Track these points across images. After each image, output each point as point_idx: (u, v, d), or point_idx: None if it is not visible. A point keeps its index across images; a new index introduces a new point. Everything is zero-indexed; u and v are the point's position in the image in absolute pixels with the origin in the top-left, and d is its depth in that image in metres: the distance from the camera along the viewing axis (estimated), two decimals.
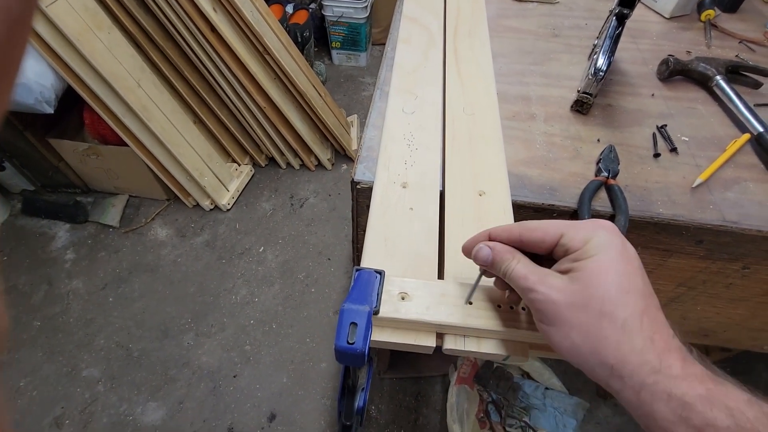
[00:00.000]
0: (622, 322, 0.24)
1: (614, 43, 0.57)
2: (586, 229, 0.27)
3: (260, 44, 1.41)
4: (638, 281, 0.25)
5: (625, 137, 0.56)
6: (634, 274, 0.25)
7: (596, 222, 0.28)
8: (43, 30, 1.12)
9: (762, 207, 0.49)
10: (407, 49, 0.63)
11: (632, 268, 0.25)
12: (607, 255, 0.25)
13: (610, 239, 0.26)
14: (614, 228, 0.27)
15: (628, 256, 0.26)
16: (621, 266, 0.25)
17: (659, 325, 0.24)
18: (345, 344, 0.26)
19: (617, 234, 0.27)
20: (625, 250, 0.26)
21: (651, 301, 0.25)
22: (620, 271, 0.25)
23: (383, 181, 0.45)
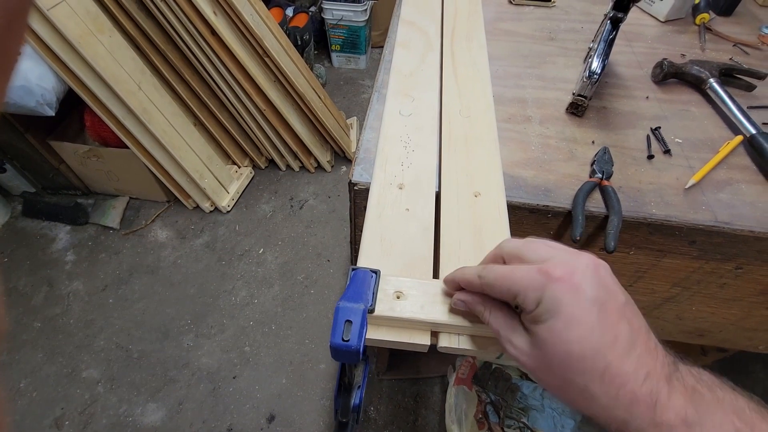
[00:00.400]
0: (583, 387, 0.24)
1: (609, 46, 0.58)
2: (537, 289, 0.25)
3: (260, 47, 1.42)
4: (595, 337, 0.24)
5: (619, 139, 0.57)
6: (592, 331, 0.24)
7: (549, 274, 0.25)
8: (45, 33, 1.13)
9: (754, 208, 0.49)
10: (404, 53, 0.63)
11: (588, 323, 0.24)
12: (558, 320, 0.24)
13: (560, 299, 0.25)
14: (569, 276, 0.25)
15: (582, 311, 0.24)
16: (573, 331, 0.24)
17: (627, 375, 0.23)
18: (340, 341, 0.26)
19: (571, 285, 0.25)
20: (580, 303, 0.24)
21: (616, 350, 0.23)
22: (572, 336, 0.24)
23: (380, 183, 0.46)
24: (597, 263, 0.26)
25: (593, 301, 0.24)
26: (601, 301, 0.24)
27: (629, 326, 0.24)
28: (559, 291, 0.25)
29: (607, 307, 0.24)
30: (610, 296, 0.25)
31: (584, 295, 0.24)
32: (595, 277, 0.25)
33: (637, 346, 0.24)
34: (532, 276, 0.26)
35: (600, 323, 0.24)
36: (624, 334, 0.24)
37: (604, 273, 0.26)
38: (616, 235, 0.45)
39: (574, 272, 0.25)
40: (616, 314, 0.24)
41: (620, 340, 0.24)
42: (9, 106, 1.21)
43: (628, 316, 0.25)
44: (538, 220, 0.51)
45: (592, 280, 0.25)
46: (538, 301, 0.25)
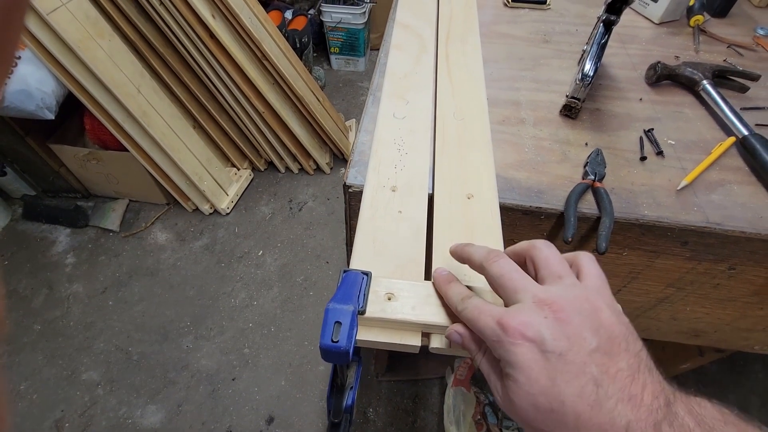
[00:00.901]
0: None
1: (601, 49, 0.58)
2: (496, 342, 0.25)
3: (258, 50, 1.43)
4: (558, 389, 0.23)
5: (612, 141, 0.57)
6: (553, 384, 0.23)
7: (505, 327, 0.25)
8: (45, 37, 1.14)
9: (745, 209, 0.50)
10: (399, 55, 0.64)
11: (547, 376, 0.23)
12: (519, 375, 0.24)
13: (515, 354, 0.24)
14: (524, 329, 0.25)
15: (538, 365, 0.24)
16: (534, 385, 0.24)
17: (601, 427, 0.22)
18: (329, 342, 0.27)
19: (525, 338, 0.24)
20: (535, 357, 0.24)
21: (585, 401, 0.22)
22: (535, 390, 0.23)
23: (373, 185, 0.46)
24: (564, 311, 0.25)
25: (549, 354, 0.24)
26: (560, 350, 0.24)
27: (599, 373, 0.23)
28: (513, 346, 0.24)
29: (567, 357, 0.23)
30: (572, 344, 0.24)
31: (539, 347, 0.24)
32: (552, 326, 0.24)
33: (611, 395, 0.22)
34: (490, 327, 0.26)
35: (560, 375, 0.23)
36: (590, 383, 0.23)
37: (571, 315, 0.25)
38: (608, 236, 0.45)
39: (527, 326, 0.24)
40: (578, 365, 0.23)
41: (586, 390, 0.23)
42: (9, 109, 1.22)
43: (600, 361, 0.23)
44: (531, 222, 0.51)
45: (548, 330, 0.24)
46: (498, 355, 0.25)
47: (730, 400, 1.26)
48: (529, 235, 0.53)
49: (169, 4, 1.28)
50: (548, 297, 0.26)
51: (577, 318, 0.25)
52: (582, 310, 0.25)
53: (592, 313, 0.25)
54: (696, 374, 1.29)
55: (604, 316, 0.25)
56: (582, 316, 0.25)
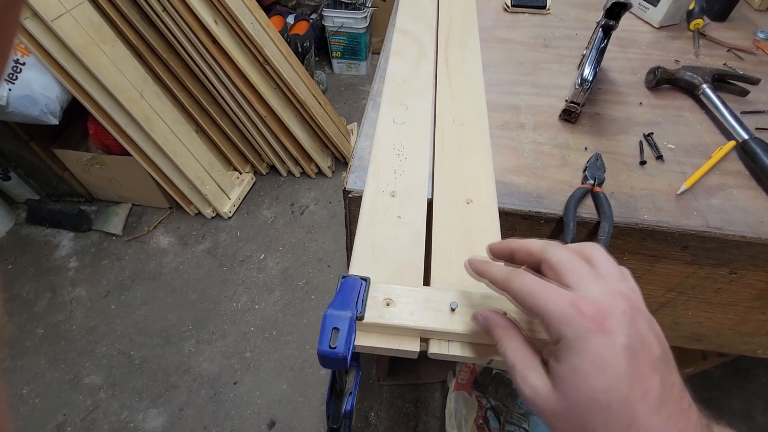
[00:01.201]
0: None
1: (600, 54, 0.58)
2: (564, 321, 0.24)
3: (261, 55, 1.44)
4: (624, 386, 0.22)
5: (612, 145, 0.57)
6: (620, 379, 0.22)
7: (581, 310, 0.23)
8: (49, 44, 1.15)
9: (746, 213, 0.50)
10: (399, 61, 0.64)
11: (617, 370, 0.22)
12: (584, 362, 0.23)
13: (588, 339, 0.23)
14: (602, 318, 0.23)
15: (612, 356, 0.22)
16: (600, 376, 0.22)
17: (657, 428, 0.22)
18: (327, 348, 0.27)
19: (602, 327, 0.23)
20: (611, 348, 0.23)
21: (646, 404, 0.22)
22: (598, 383, 0.22)
23: (372, 190, 0.46)
24: (635, 310, 0.24)
25: (625, 348, 0.22)
26: (634, 349, 0.23)
27: (662, 381, 0.23)
28: (589, 331, 0.23)
29: (639, 357, 0.23)
30: (643, 346, 0.23)
31: (615, 339, 0.23)
32: (630, 325, 0.23)
33: (668, 404, 0.22)
34: (562, 305, 0.24)
35: (630, 372, 0.22)
36: (655, 388, 0.22)
37: (642, 322, 0.24)
38: (607, 241, 0.45)
39: (607, 315, 0.23)
40: (648, 366, 0.23)
41: (651, 394, 0.22)
42: (14, 114, 1.23)
43: (663, 370, 0.23)
44: (530, 227, 0.51)
45: (626, 326, 0.23)
46: (558, 335, 0.24)
47: (734, 405, 1.25)
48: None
49: (172, 10, 1.29)
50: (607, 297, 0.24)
51: (643, 324, 0.24)
52: (642, 314, 0.25)
53: (650, 319, 0.25)
54: (700, 378, 1.28)
55: (657, 327, 0.25)
56: (649, 321, 0.25)
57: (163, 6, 1.29)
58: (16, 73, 1.18)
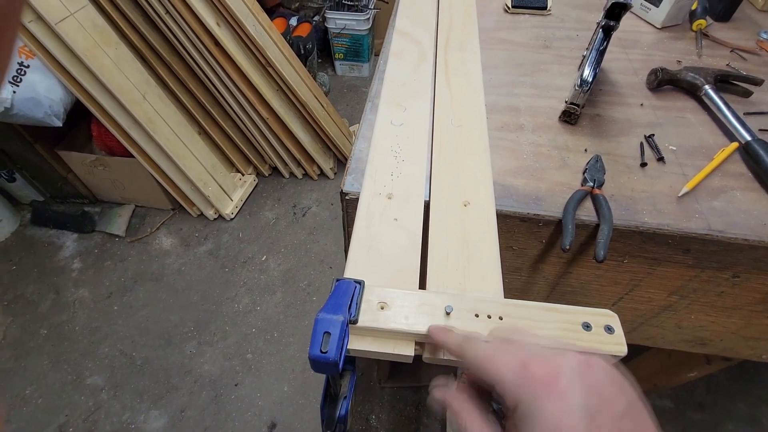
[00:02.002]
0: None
1: (600, 55, 0.58)
2: (516, 387, 0.23)
3: (263, 57, 1.44)
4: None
5: (612, 147, 0.57)
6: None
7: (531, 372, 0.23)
8: (53, 47, 1.16)
9: (748, 216, 0.49)
10: (398, 63, 0.64)
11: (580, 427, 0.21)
12: (535, 428, 0.21)
13: (541, 407, 0.22)
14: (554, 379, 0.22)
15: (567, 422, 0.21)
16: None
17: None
18: (318, 353, 0.27)
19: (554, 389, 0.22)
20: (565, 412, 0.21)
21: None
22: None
23: (369, 193, 0.46)
24: (589, 363, 0.23)
25: (582, 410, 0.21)
26: (592, 410, 0.21)
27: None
28: (540, 397, 0.22)
29: (599, 419, 0.21)
30: (603, 404, 0.21)
31: (570, 402, 0.21)
32: (584, 381, 0.22)
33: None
34: (511, 370, 0.23)
35: (591, 417, 0.21)
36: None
37: (599, 375, 0.23)
38: (606, 244, 0.44)
39: (558, 375, 0.22)
40: (609, 427, 0.21)
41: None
42: (18, 117, 1.24)
43: (629, 426, 0.21)
44: (529, 229, 0.51)
45: (580, 384, 0.22)
46: (515, 404, 0.23)
47: (740, 409, 1.24)
48: (526, 242, 0.53)
49: (175, 13, 1.30)
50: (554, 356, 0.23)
51: (601, 377, 0.22)
52: (598, 364, 0.23)
53: (608, 371, 0.23)
54: (705, 382, 1.27)
55: (618, 374, 0.23)
56: (606, 374, 0.23)
57: (165, 9, 1.30)
58: (20, 76, 1.19)
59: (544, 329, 0.33)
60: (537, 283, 0.61)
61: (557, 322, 0.33)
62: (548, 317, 0.34)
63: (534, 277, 0.60)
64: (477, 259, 0.41)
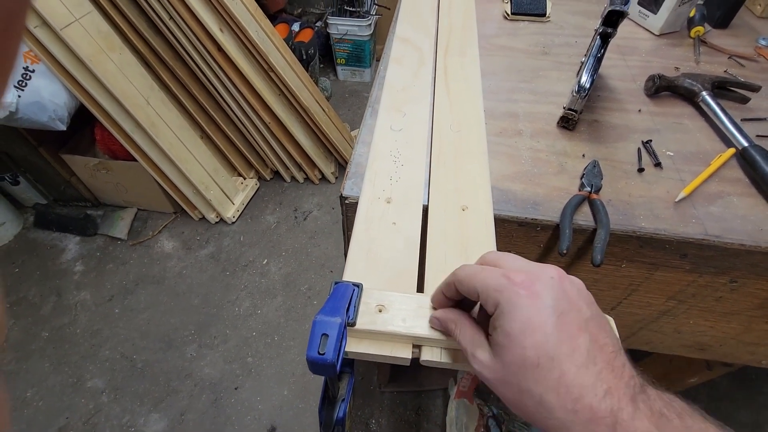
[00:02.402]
0: (539, 398, 0.23)
1: (598, 61, 0.58)
2: (497, 290, 0.25)
3: (265, 62, 1.46)
4: (551, 344, 0.23)
5: (610, 152, 0.57)
6: (547, 337, 0.23)
7: (511, 278, 0.25)
8: (58, 52, 1.17)
9: (745, 221, 0.49)
10: (398, 69, 0.65)
11: (544, 329, 0.24)
12: (514, 324, 0.24)
13: (516, 303, 0.24)
14: (530, 283, 0.25)
15: (538, 316, 0.24)
16: (528, 336, 0.24)
17: (584, 388, 0.22)
18: (316, 355, 0.27)
19: (530, 291, 0.25)
20: (538, 309, 0.24)
21: (574, 360, 0.23)
22: (527, 342, 0.24)
23: (368, 197, 0.46)
24: (563, 277, 0.26)
25: (551, 309, 0.24)
26: (561, 310, 0.24)
27: (590, 340, 0.24)
28: (517, 296, 0.25)
29: (566, 318, 0.24)
30: (571, 308, 0.25)
31: (542, 302, 0.24)
32: (557, 288, 0.25)
33: (597, 361, 0.23)
34: (494, 277, 0.26)
35: (557, 331, 0.24)
36: (583, 346, 0.24)
37: (570, 287, 0.26)
38: (603, 248, 0.45)
39: (535, 280, 0.25)
40: (576, 326, 0.24)
41: (578, 352, 0.23)
42: (23, 121, 1.26)
43: (592, 330, 0.24)
44: (527, 234, 0.51)
45: (553, 290, 0.25)
46: (495, 304, 0.25)
47: (742, 415, 1.23)
48: (525, 246, 0.53)
49: (178, 19, 1.32)
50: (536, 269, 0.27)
51: (572, 289, 0.26)
52: (572, 281, 0.27)
53: (580, 286, 0.27)
54: (706, 388, 1.26)
55: (588, 295, 0.27)
56: (578, 288, 0.26)
57: (169, 14, 1.32)
58: (25, 81, 1.20)
59: None
60: None
61: None
62: None
63: None
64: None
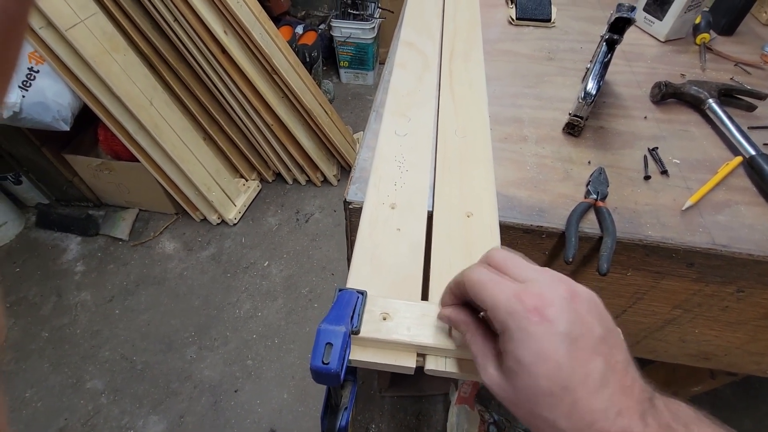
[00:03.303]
0: (552, 423, 0.23)
1: (604, 68, 0.58)
2: (508, 313, 0.25)
3: (269, 65, 1.46)
4: (564, 373, 0.23)
5: (616, 159, 0.57)
6: (560, 367, 0.23)
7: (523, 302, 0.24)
8: (63, 52, 1.18)
9: (753, 230, 0.49)
10: (403, 73, 0.65)
11: (557, 359, 0.23)
12: (526, 353, 0.24)
13: (529, 332, 0.24)
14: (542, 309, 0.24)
15: (551, 346, 0.23)
16: (541, 366, 0.23)
17: (596, 413, 0.22)
18: (320, 364, 0.27)
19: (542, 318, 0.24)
20: (550, 338, 0.23)
21: (587, 387, 0.23)
22: (540, 371, 0.23)
23: (372, 202, 0.46)
24: (574, 295, 0.25)
25: (564, 336, 0.23)
26: (574, 336, 0.24)
27: (603, 363, 0.24)
28: (529, 322, 0.24)
29: (579, 343, 0.24)
30: (584, 331, 0.24)
31: (555, 328, 0.24)
32: (570, 311, 0.24)
33: (610, 384, 0.23)
34: (507, 297, 0.25)
35: (570, 359, 0.23)
36: (596, 371, 0.23)
37: (581, 306, 0.25)
38: (609, 257, 0.44)
39: (547, 305, 0.24)
40: (589, 350, 0.24)
41: (591, 378, 0.23)
42: (26, 121, 1.26)
43: (604, 351, 0.24)
44: (532, 241, 0.51)
45: (566, 313, 0.24)
46: (505, 326, 0.25)
47: (745, 425, 1.22)
48: (529, 254, 0.52)
49: (183, 20, 1.32)
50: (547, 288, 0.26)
51: (583, 307, 0.25)
52: (581, 296, 0.26)
53: (591, 300, 0.26)
54: (709, 397, 1.25)
55: (599, 305, 0.26)
56: (589, 303, 0.25)
57: (174, 16, 1.32)
58: (30, 81, 1.21)
59: None
60: None
61: None
62: None
63: None
64: None
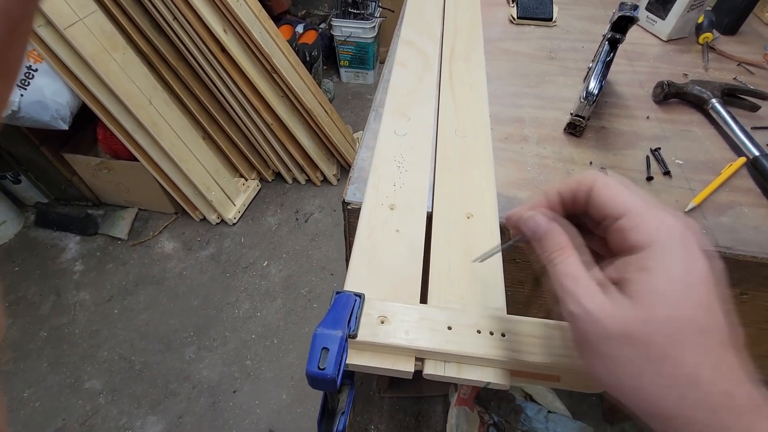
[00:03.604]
0: (692, 370, 0.18)
1: (606, 67, 0.58)
2: (654, 225, 0.20)
3: (269, 64, 1.45)
4: (717, 314, 0.19)
5: (618, 160, 0.56)
6: (714, 303, 0.19)
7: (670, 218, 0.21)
8: (61, 51, 1.17)
9: (757, 232, 0.48)
10: (403, 72, 0.64)
11: (711, 292, 0.19)
12: (678, 271, 0.19)
13: (685, 248, 0.20)
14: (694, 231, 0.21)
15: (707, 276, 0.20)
16: (697, 292, 0.19)
17: (742, 371, 0.19)
18: (316, 369, 0.26)
19: (696, 241, 0.20)
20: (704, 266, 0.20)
21: (731, 339, 0.19)
22: (695, 299, 0.19)
23: (371, 202, 0.45)
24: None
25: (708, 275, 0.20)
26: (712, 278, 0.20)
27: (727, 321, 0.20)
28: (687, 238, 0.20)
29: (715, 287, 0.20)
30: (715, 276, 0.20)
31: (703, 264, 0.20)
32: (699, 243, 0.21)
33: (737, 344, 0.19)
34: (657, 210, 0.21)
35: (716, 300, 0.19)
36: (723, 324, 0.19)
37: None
38: None
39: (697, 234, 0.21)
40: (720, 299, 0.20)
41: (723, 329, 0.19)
42: (25, 120, 1.25)
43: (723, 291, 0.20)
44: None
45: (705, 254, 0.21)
46: (651, 240, 0.20)
47: None
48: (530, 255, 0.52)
49: (182, 19, 1.31)
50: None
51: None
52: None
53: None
54: None
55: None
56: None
57: (173, 15, 1.31)
58: (28, 79, 1.20)
59: (549, 346, 0.32)
60: (541, 296, 0.60)
61: (562, 339, 0.33)
62: (553, 334, 0.33)
63: (537, 290, 0.59)
64: (480, 273, 0.40)
